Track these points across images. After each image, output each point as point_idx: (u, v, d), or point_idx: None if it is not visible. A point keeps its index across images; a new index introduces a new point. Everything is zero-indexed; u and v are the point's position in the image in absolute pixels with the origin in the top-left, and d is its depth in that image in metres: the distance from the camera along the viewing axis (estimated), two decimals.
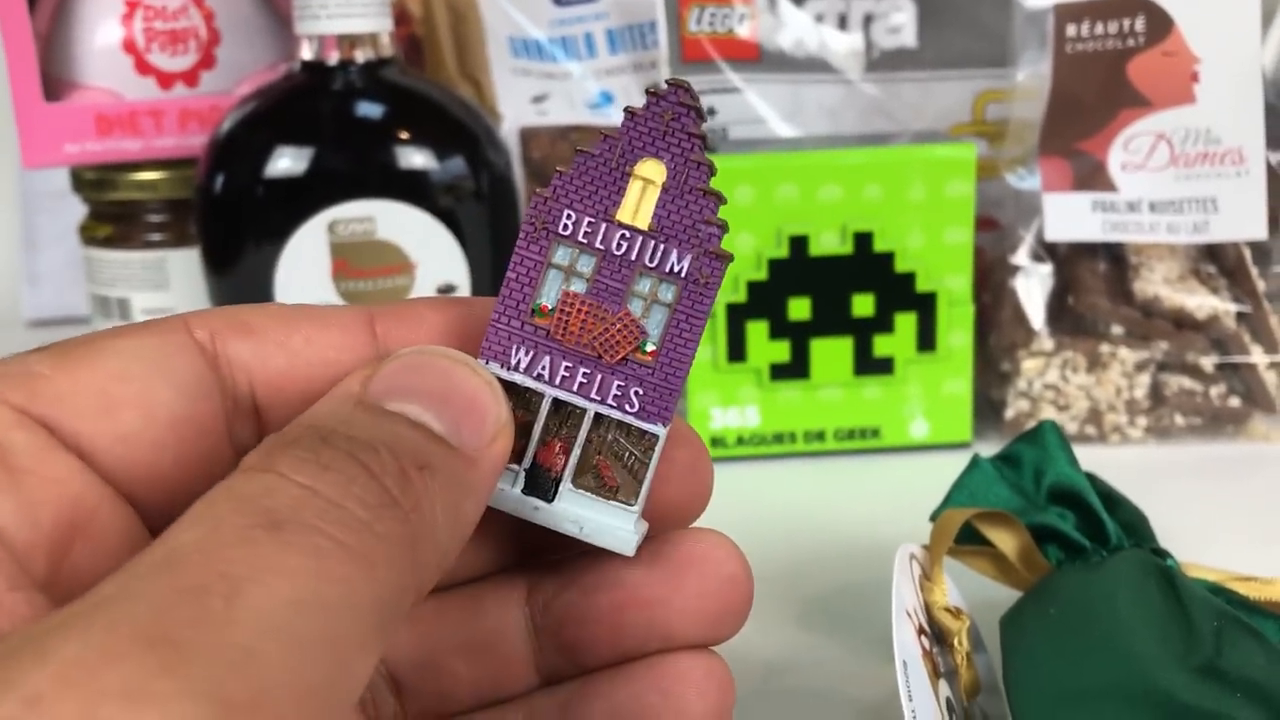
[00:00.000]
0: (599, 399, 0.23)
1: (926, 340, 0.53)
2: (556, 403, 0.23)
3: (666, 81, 0.23)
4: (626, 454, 0.24)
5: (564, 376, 0.23)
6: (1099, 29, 0.54)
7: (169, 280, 0.58)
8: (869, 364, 0.54)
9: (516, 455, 0.23)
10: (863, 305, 0.53)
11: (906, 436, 0.54)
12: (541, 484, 0.23)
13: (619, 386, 0.23)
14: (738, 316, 0.53)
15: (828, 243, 0.52)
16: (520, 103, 0.63)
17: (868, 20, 0.62)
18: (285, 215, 0.51)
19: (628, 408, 0.23)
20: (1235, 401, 0.54)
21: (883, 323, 0.53)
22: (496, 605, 0.25)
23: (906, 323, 0.53)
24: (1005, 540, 0.32)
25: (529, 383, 0.23)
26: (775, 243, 0.52)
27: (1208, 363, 0.54)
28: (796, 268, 0.52)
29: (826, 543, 0.46)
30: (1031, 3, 0.56)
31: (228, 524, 0.17)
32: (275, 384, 0.23)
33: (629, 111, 0.23)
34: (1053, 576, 0.32)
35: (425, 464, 0.19)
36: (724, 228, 0.23)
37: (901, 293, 0.53)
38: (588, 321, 0.23)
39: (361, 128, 0.52)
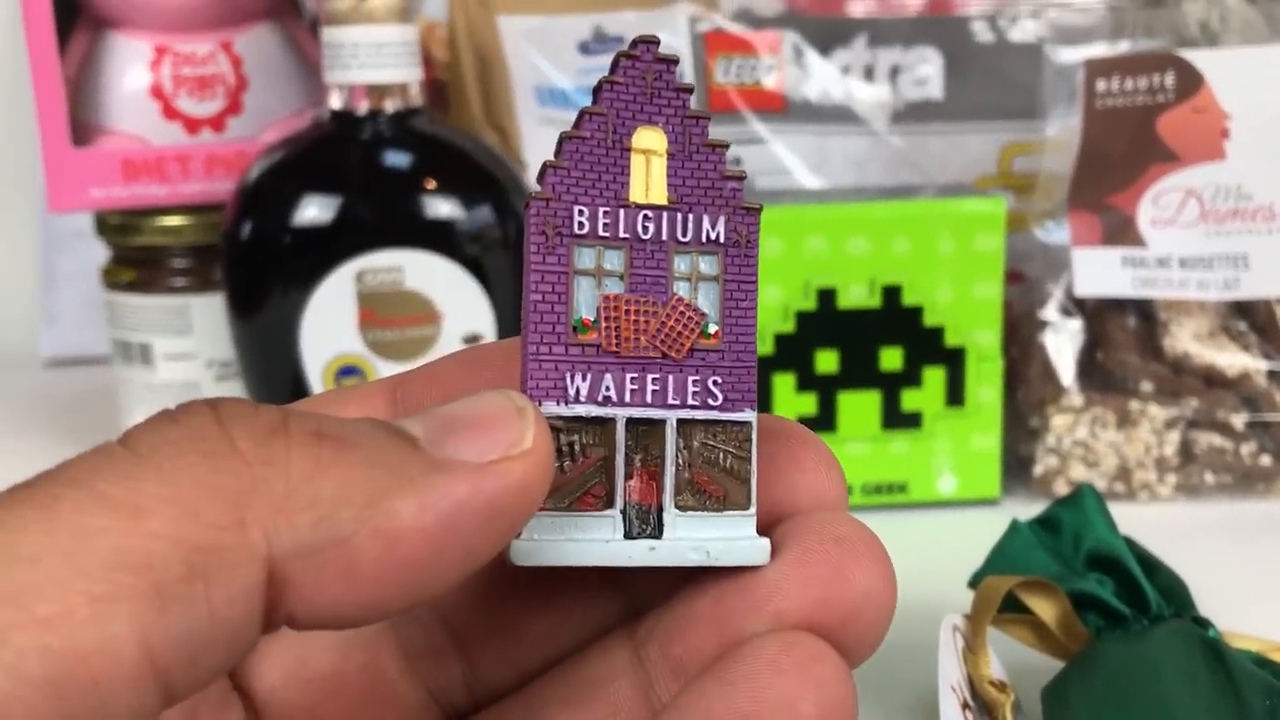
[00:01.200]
0: (678, 403, 0.21)
1: (955, 395, 0.53)
2: (630, 424, 0.21)
3: (633, 41, 0.21)
4: (721, 455, 0.21)
5: (633, 391, 0.21)
6: (1129, 84, 0.53)
7: (192, 326, 0.58)
8: (897, 418, 0.53)
9: (606, 499, 0.20)
10: (891, 359, 0.53)
11: (934, 492, 0.54)
12: (644, 521, 0.21)
13: (695, 382, 0.21)
14: (764, 368, 0.52)
15: (856, 296, 0.52)
16: (546, 151, 0.62)
17: (894, 72, 0.62)
18: (312, 264, 0.50)
19: (711, 402, 0.21)
20: (1266, 460, 0.54)
21: (911, 377, 0.53)
22: (600, 652, 0.22)
23: (935, 377, 0.53)
24: (1045, 608, 0.32)
25: (597, 410, 0.21)
26: (803, 295, 0.52)
27: (1238, 420, 0.53)
28: (824, 320, 0.52)
29: None
30: (1061, 57, 0.56)
31: (35, 482, 0.16)
32: None
33: (606, 82, 0.21)
34: (1095, 647, 0.31)
35: (335, 437, 0.17)
36: (743, 178, 0.21)
37: (930, 347, 0.52)
38: (640, 321, 0.21)
39: (389, 177, 0.52)
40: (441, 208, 0.51)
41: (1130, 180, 0.54)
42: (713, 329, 0.21)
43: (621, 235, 0.21)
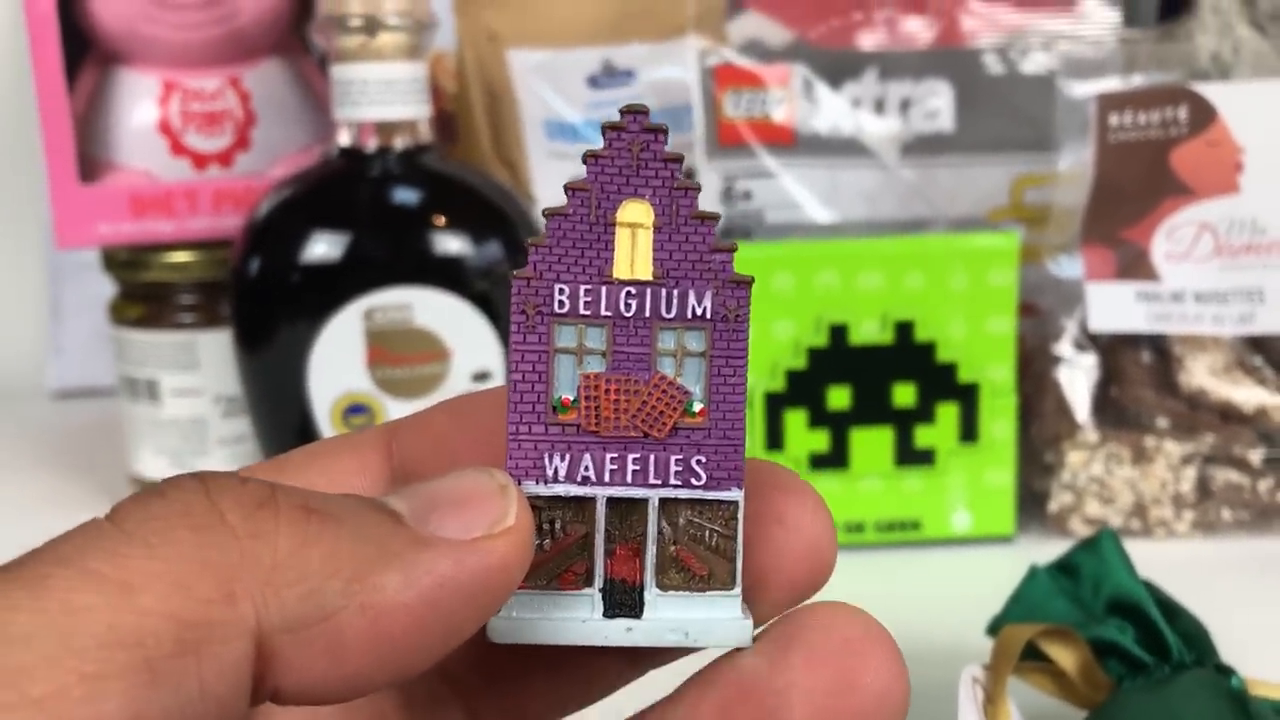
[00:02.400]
0: (660, 482, 0.20)
1: (969, 431, 0.52)
2: (612, 502, 0.20)
3: (621, 111, 0.20)
4: (707, 534, 0.21)
5: (612, 471, 0.20)
6: (1142, 118, 0.53)
7: (199, 362, 0.58)
8: (910, 455, 0.53)
9: (586, 577, 0.20)
10: (904, 395, 0.52)
11: (948, 529, 0.53)
12: (624, 600, 0.20)
13: (678, 461, 0.20)
14: (776, 405, 0.52)
15: (868, 331, 0.52)
16: (555, 186, 0.62)
17: (905, 105, 0.62)
18: (321, 301, 0.50)
19: (694, 481, 0.20)
20: None
21: (924, 413, 0.52)
22: None
23: (948, 413, 0.52)
24: (1065, 657, 0.31)
25: (576, 490, 0.20)
26: (815, 331, 0.52)
27: (1255, 456, 0.53)
28: (836, 356, 0.52)
29: None
30: (1073, 90, 0.55)
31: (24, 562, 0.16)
32: None
33: (591, 155, 0.20)
34: (1117, 697, 0.31)
35: (322, 512, 0.17)
36: (733, 249, 0.20)
37: (943, 383, 0.52)
38: (620, 401, 0.20)
39: (398, 214, 0.52)
40: (450, 244, 0.51)
41: (1144, 214, 0.53)
42: (697, 407, 0.21)
43: (603, 313, 0.20)
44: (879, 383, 0.52)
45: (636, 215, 0.20)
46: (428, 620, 0.17)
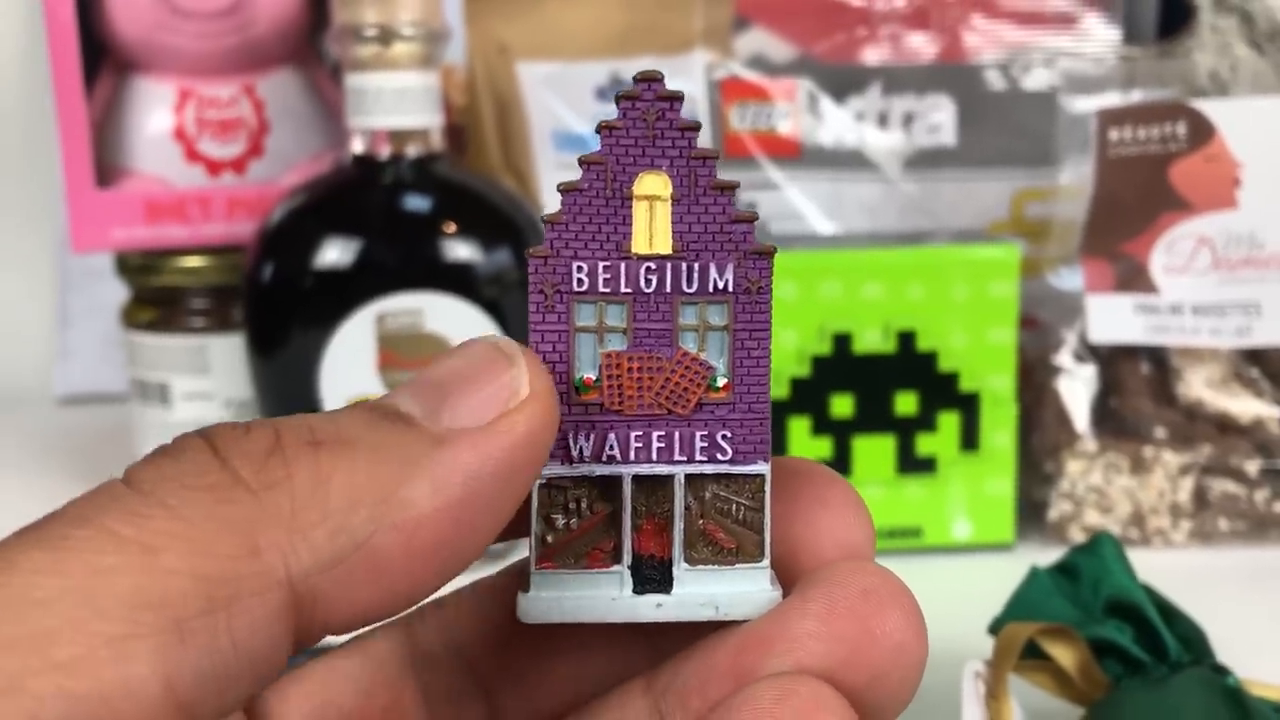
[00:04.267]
0: (685, 458, 0.20)
1: (969, 440, 0.53)
2: (639, 479, 0.20)
3: (634, 78, 0.20)
4: (734, 507, 0.20)
5: (638, 449, 0.20)
6: (1141, 133, 0.54)
7: (210, 366, 0.59)
8: (911, 463, 0.53)
9: (614, 554, 0.20)
10: (905, 404, 0.53)
11: (949, 537, 0.54)
12: (653, 576, 0.20)
13: (703, 437, 0.20)
14: (780, 413, 0.53)
15: (871, 341, 0.52)
16: None
17: (908, 119, 0.63)
18: (333, 306, 0.51)
19: (720, 456, 0.20)
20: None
21: (925, 422, 0.53)
22: (618, 703, 0.22)
23: (949, 422, 0.53)
24: (1065, 655, 0.32)
25: (602, 469, 0.20)
26: (818, 339, 0.52)
27: (1252, 467, 0.53)
28: (839, 365, 0.52)
29: None
30: (1074, 106, 0.56)
31: (42, 524, 0.16)
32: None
33: (606, 126, 0.20)
34: (1114, 694, 0.31)
35: (331, 440, 0.17)
36: (754, 218, 0.20)
37: (944, 392, 0.53)
38: (643, 378, 0.20)
39: (410, 221, 0.53)
40: (461, 251, 0.52)
41: (1143, 228, 0.54)
42: (721, 381, 0.20)
43: (623, 290, 0.20)
44: (881, 391, 0.53)
45: (654, 187, 0.20)
46: (464, 518, 0.17)
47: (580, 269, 0.20)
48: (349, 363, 0.51)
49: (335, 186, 0.53)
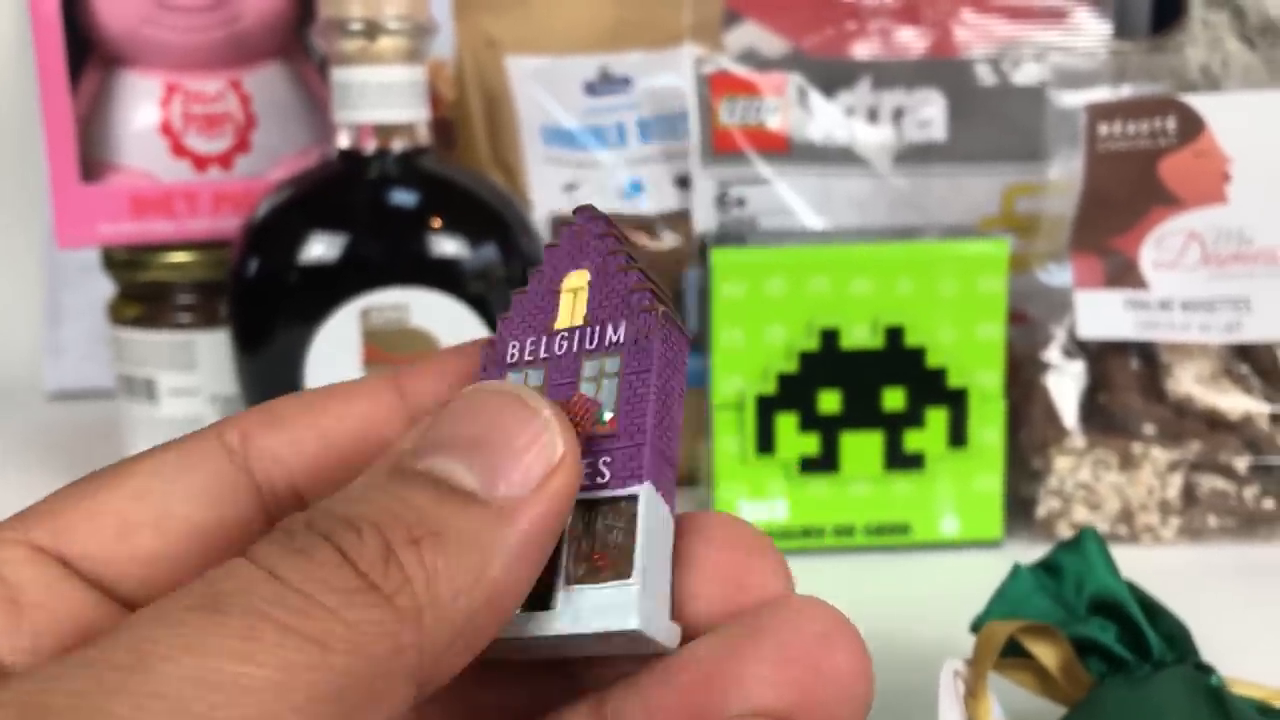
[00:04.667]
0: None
1: (958, 436, 0.53)
2: None
3: (575, 210, 0.24)
4: (613, 532, 0.21)
5: None
6: (1130, 128, 0.54)
7: (197, 361, 0.58)
8: (899, 459, 0.53)
9: None
10: (893, 399, 0.53)
11: (937, 533, 0.54)
12: (534, 598, 0.21)
13: (588, 464, 0.22)
14: (767, 408, 0.53)
15: (859, 336, 0.52)
16: (552, 191, 0.63)
17: (898, 114, 0.62)
18: (318, 301, 0.51)
19: (599, 480, 0.22)
20: (1269, 504, 0.54)
21: (913, 417, 0.53)
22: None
23: (937, 418, 0.53)
24: (1047, 653, 0.32)
25: None
26: (806, 335, 0.52)
27: (1241, 464, 0.53)
28: (827, 360, 0.52)
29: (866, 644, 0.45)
30: (1064, 100, 0.56)
31: (170, 604, 0.17)
32: (313, 470, 0.23)
33: (548, 246, 0.24)
34: (1097, 693, 0.31)
35: (426, 534, 0.18)
36: (655, 290, 0.23)
37: (933, 388, 0.53)
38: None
39: (396, 216, 0.52)
40: (447, 246, 0.51)
41: (1132, 223, 0.54)
42: (608, 416, 0.22)
43: (542, 356, 0.23)
44: (869, 387, 0.52)
45: (577, 281, 0.23)
46: (525, 574, 0.19)
47: (514, 346, 0.23)
48: (334, 358, 0.51)
49: (320, 181, 0.53)
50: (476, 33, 0.66)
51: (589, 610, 0.21)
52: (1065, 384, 0.54)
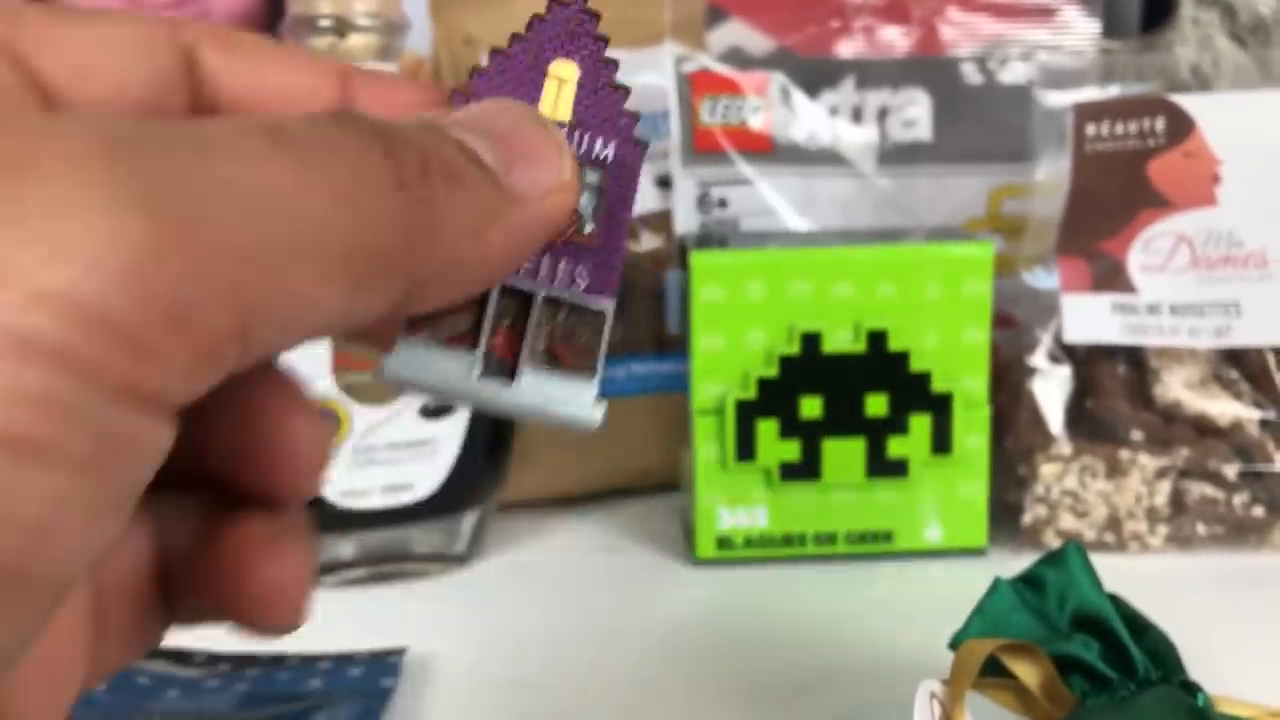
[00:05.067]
0: (549, 282, 0.24)
1: (941, 442, 0.52)
2: (505, 291, 0.23)
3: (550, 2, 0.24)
4: (578, 334, 0.24)
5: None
6: (1119, 129, 0.53)
7: None
8: (882, 465, 0.52)
9: (470, 344, 0.23)
10: (876, 405, 0.52)
11: (920, 541, 0.53)
12: (499, 369, 0.23)
13: (564, 269, 0.24)
14: (748, 414, 0.51)
15: (841, 341, 0.51)
16: None
17: (882, 114, 0.61)
18: None
19: (576, 285, 0.24)
20: (1259, 511, 0.53)
21: (897, 424, 0.52)
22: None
23: (921, 424, 0.52)
24: (1028, 672, 0.31)
25: None
26: (787, 339, 0.51)
27: (1230, 470, 0.52)
28: (808, 365, 0.51)
29: (837, 657, 0.44)
30: (1050, 101, 0.55)
31: (238, 121, 0.18)
32: (243, 103, 0.23)
33: (536, 17, 0.24)
34: (1079, 713, 0.30)
35: (455, 176, 0.20)
36: (637, 118, 0.24)
37: (916, 393, 0.51)
38: None
39: None
40: None
41: (1120, 225, 0.53)
42: (588, 229, 0.24)
43: None
44: (851, 393, 0.51)
45: (565, 72, 0.24)
46: (511, 256, 0.21)
47: None
48: (303, 365, 0.50)
49: None
50: (455, 30, 0.64)
51: (554, 395, 0.23)
52: (1051, 389, 0.53)
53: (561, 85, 0.24)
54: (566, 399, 0.23)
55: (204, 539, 0.22)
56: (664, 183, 0.63)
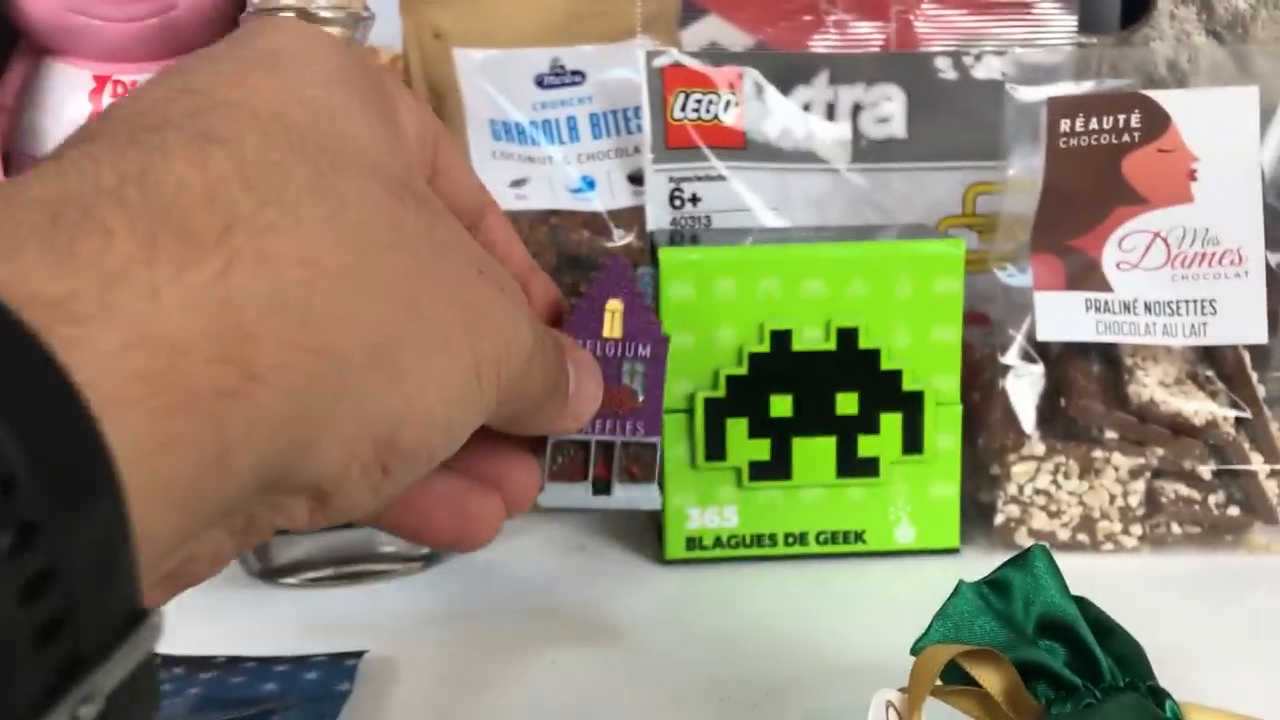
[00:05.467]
0: (618, 434, 0.40)
1: (913, 441, 0.51)
2: (598, 443, 0.40)
3: (602, 261, 0.44)
4: (642, 458, 0.41)
5: (598, 427, 0.40)
6: (1093, 124, 0.52)
7: None
8: (853, 465, 0.51)
9: (582, 477, 0.40)
10: (847, 404, 0.51)
11: (892, 542, 0.52)
12: (602, 488, 0.40)
13: (628, 424, 0.40)
14: (717, 412, 0.51)
15: (811, 339, 0.50)
16: (499, 186, 0.61)
17: (856, 110, 0.61)
18: None
19: (637, 432, 0.40)
20: (1234, 511, 0.52)
21: (867, 422, 0.51)
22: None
23: (892, 423, 0.51)
24: (991, 679, 0.30)
25: (580, 437, 0.40)
26: (757, 337, 0.50)
27: (1205, 470, 0.52)
28: (778, 363, 0.50)
29: (807, 660, 0.44)
30: (1024, 95, 0.54)
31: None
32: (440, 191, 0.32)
33: (593, 274, 0.43)
34: None
35: (562, 386, 0.35)
36: (665, 335, 0.41)
37: (887, 392, 0.51)
38: (606, 396, 0.39)
39: None
40: None
41: (1095, 222, 0.52)
42: (640, 399, 0.40)
43: (597, 354, 0.39)
44: (822, 391, 0.51)
45: (615, 306, 0.40)
46: (558, 429, 0.37)
47: (584, 343, 0.39)
48: None
49: None
50: (424, 24, 0.63)
51: (634, 497, 0.40)
52: (1024, 388, 0.53)
53: (614, 314, 0.40)
54: (642, 498, 0.41)
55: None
56: (636, 179, 0.62)
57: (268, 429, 0.21)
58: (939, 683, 0.31)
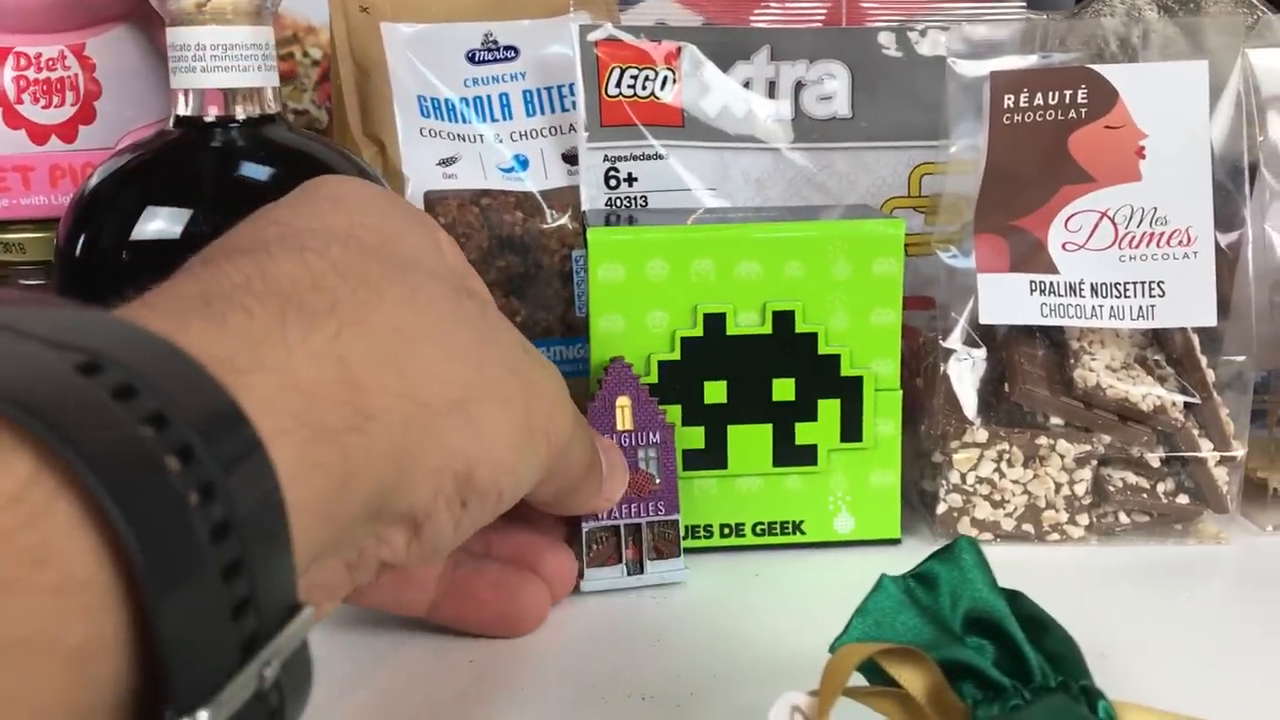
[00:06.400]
0: (644, 516, 0.46)
1: (852, 429, 0.49)
2: (628, 526, 0.46)
3: (612, 360, 0.47)
4: (667, 535, 0.46)
5: (625, 511, 0.46)
6: (1038, 99, 0.50)
7: None
8: (790, 453, 0.49)
9: (616, 560, 0.46)
10: (783, 390, 0.49)
11: (831, 532, 0.50)
12: (634, 568, 0.46)
13: (650, 506, 0.46)
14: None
15: (746, 322, 0.48)
16: (427, 165, 0.58)
17: (798, 88, 0.59)
18: (154, 282, 0.46)
19: (659, 511, 0.46)
20: (1184, 499, 0.50)
21: (805, 409, 0.49)
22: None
23: (830, 409, 0.49)
24: (913, 679, 0.28)
25: (610, 522, 0.46)
26: (690, 321, 0.48)
27: (1154, 458, 0.50)
28: (713, 348, 0.48)
29: (741, 656, 0.42)
30: (967, 70, 0.52)
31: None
32: None
33: (602, 378, 0.47)
34: None
35: (596, 477, 0.42)
36: (665, 414, 0.47)
37: (825, 377, 0.49)
38: (630, 480, 0.45)
39: (241, 188, 0.48)
40: None
41: (1040, 202, 0.51)
42: (658, 481, 0.46)
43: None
44: (758, 377, 0.49)
45: (624, 402, 0.46)
46: (593, 509, 0.44)
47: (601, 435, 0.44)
48: None
49: (158, 151, 0.48)
50: None
51: (663, 572, 0.46)
52: (966, 373, 0.51)
53: (624, 409, 0.46)
54: (669, 572, 0.46)
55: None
56: (571, 158, 0.60)
57: (378, 459, 0.27)
58: (864, 682, 0.30)
